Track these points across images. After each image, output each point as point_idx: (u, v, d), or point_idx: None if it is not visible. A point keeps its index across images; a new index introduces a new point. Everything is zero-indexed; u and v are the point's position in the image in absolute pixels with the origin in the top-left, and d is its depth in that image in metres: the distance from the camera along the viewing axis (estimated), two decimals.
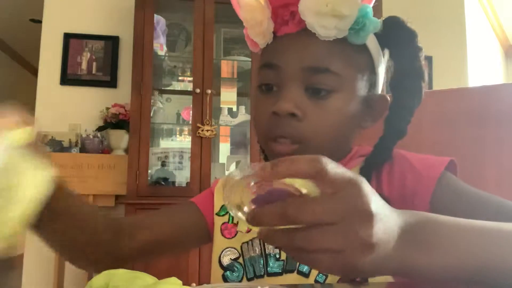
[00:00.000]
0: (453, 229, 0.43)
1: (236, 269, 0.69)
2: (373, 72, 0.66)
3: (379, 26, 0.63)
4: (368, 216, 0.36)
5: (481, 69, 3.99)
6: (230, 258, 0.69)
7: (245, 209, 0.39)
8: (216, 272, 0.70)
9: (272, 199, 0.37)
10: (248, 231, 0.70)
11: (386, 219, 0.38)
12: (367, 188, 0.37)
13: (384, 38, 0.65)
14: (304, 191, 0.38)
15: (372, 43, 0.65)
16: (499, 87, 0.98)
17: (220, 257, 0.70)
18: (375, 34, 0.65)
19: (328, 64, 0.61)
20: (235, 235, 0.71)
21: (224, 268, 0.69)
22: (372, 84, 0.67)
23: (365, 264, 0.37)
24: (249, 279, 0.67)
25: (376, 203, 0.37)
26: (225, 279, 0.69)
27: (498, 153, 0.89)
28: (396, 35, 0.65)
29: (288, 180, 0.37)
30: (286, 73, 0.63)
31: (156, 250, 0.73)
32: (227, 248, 0.70)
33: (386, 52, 0.68)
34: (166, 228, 0.73)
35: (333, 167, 0.36)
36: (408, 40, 0.65)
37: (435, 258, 0.40)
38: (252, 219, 0.37)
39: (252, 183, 0.38)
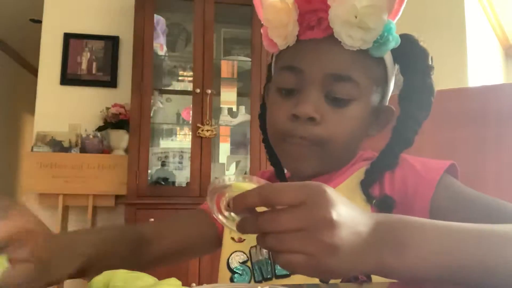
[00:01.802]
0: (424, 229, 0.45)
1: (244, 272, 0.70)
2: (385, 84, 0.70)
3: (399, 42, 0.65)
4: (329, 223, 0.40)
5: (481, 69, 3.99)
6: (238, 261, 0.71)
7: (225, 213, 0.45)
8: (225, 275, 0.71)
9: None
10: (240, 240, 0.72)
11: (352, 223, 0.41)
12: (330, 196, 0.41)
13: (397, 54, 0.68)
14: None
15: (388, 57, 0.68)
16: (499, 87, 0.98)
17: (228, 260, 0.71)
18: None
19: (350, 72, 0.64)
20: (244, 239, 0.72)
21: (232, 271, 0.70)
22: (383, 96, 0.70)
23: (337, 265, 0.40)
24: (257, 282, 0.68)
25: (340, 208, 0.41)
26: (233, 282, 0.70)
27: (498, 153, 0.89)
28: (410, 53, 0.68)
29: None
30: (308, 77, 0.64)
31: (172, 258, 0.77)
32: (236, 251, 0.72)
33: (396, 67, 0.71)
34: (181, 237, 0.76)
35: (278, 191, 0.41)
36: (420, 58, 0.68)
37: (407, 257, 0.43)
38: (238, 227, 0.44)
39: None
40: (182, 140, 3.06)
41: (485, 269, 0.45)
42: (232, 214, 0.46)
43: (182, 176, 2.81)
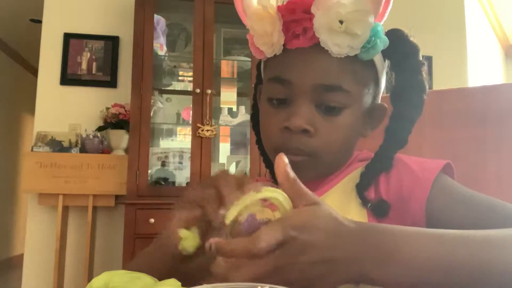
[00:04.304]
0: (407, 240, 0.45)
1: None
2: (377, 84, 0.68)
3: (388, 44, 0.64)
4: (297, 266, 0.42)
5: (481, 69, 3.99)
6: None
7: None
8: None
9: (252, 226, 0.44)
10: None
11: (326, 254, 0.42)
12: (302, 244, 0.41)
13: (386, 51, 0.66)
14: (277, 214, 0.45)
15: (377, 56, 0.66)
16: (499, 87, 0.98)
17: None
18: None
19: (340, 82, 0.63)
20: None
21: None
22: (375, 95, 0.69)
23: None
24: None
25: (311, 250, 0.42)
26: None
27: (498, 153, 0.89)
28: (399, 49, 0.66)
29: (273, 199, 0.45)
30: (298, 89, 0.63)
31: None
32: None
33: (387, 62, 0.70)
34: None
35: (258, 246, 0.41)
36: (410, 54, 0.66)
37: (390, 269, 0.43)
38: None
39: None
40: (182, 140, 3.06)
41: (472, 274, 0.45)
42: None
43: (182, 176, 2.81)
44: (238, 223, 0.44)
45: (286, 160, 0.46)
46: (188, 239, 0.48)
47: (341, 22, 0.60)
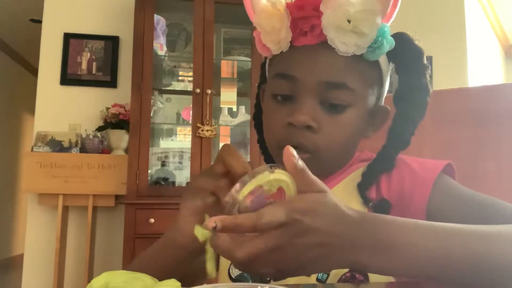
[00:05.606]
0: (405, 231, 0.46)
1: (245, 279, 0.69)
2: (381, 85, 0.69)
3: (394, 45, 0.64)
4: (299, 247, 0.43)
5: (481, 69, 3.99)
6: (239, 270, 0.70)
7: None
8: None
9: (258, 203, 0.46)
10: None
11: (325, 237, 0.44)
12: (306, 224, 0.43)
13: (391, 53, 0.67)
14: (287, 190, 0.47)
15: (382, 58, 0.67)
16: (499, 87, 0.98)
17: (229, 270, 0.71)
18: None
19: (345, 79, 0.63)
20: None
21: (234, 280, 0.70)
22: (378, 97, 0.69)
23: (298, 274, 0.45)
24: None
25: (313, 233, 0.43)
26: None
27: (498, 153, 0.89)
28: (404, 52, 0.67)
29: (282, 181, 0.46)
30: (303, 85, 0.64)
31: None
32: None
33: (391, 65, 0.71)
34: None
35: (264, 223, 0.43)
36: (415, 58, 0.67)
37: (389, 258, 0.45)
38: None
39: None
40: (182, 140, 3.06)
41: (468, 267, 0.46)
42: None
43: (182, 176, 2.81)
44: (246, 202, 0.45)
45: (293, 151, 0.47)
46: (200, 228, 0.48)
47: (349, 21, 0.61)
